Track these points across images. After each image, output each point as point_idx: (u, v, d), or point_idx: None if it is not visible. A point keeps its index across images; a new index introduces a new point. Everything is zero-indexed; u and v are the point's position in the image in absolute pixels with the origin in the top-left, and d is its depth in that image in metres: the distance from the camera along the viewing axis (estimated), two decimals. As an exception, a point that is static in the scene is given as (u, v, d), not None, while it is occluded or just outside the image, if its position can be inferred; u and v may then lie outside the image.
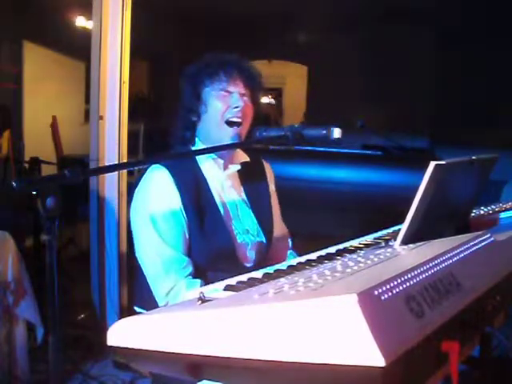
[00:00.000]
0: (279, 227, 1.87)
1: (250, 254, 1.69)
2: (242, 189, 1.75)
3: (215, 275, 1.56)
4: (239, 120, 1.64)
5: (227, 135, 1.64)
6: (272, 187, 1.86)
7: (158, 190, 1.59)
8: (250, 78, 1.69)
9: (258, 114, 1.74)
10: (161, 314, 0.97)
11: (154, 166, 1.62)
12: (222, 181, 1.69)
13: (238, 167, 1.73)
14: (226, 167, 1.71)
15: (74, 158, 5.29)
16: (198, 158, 1.68)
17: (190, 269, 1.56)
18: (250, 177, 1.77)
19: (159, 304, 1.56)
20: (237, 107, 1.63)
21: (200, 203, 1.61)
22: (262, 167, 1.86)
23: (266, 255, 1.74)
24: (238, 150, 1.77)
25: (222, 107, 1.64)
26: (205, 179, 1.66)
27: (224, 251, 1.61)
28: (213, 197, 1.65)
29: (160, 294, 1.55)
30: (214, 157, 1.68)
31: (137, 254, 1.63)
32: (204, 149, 1.62)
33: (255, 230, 1.73)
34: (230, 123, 1.64)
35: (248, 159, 1.77)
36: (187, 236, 1.59)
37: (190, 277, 1.56)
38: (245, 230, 1.70)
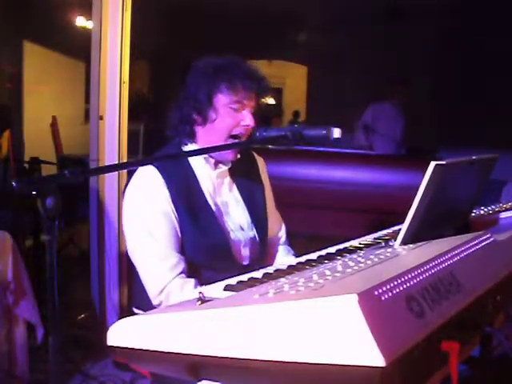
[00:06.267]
0: (274, 216, 1.88)
1: (244, 251, 1.70)
2: (234, 186, 1.76)
3: (210, 273, 1.57)
4: (244, 134, 1.64)
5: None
6: (264, 178, 1.86)
7: (148, 188, 1.59)
8: (263, 92, 1.67)
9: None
10: (160, 314, 0.97)
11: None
12: (212, 179, 1.70)
13: (229, 165, 1.73)
14: (216, 166, 1.71)
15: (74, 158, 5.28)
16: (189, 157, 1.67)
17: (183, 266, 1.57)
18: (241, 172, 1.77)
19: (153, 303, 1.56)
20: (247, 125, 1.62)
21: (191, 202, 1.61)
22: (252, 160, 1.86)
23: (261, 250, 1.75)
24: None
25: (232, 123, 1.62)
26: (196, 178, 1.66)
27: (218, 248, 1.62)
28: (204, 195, 1.65)
29: (153, 292, 1.56)
30: (205, 156, 1.68)
31: (129, 254, 1.63)
32: (202, 149, 1.62)
33: (249, 226, 1.73)
34: (233, 136, 1.64)
35: (238, 156, 1.76)
36: (179, 234, 1.59)
37: (183, 275, 1.56)
38: (238, 226, 1.71)
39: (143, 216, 1.58)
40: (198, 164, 1.68)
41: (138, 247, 1.59)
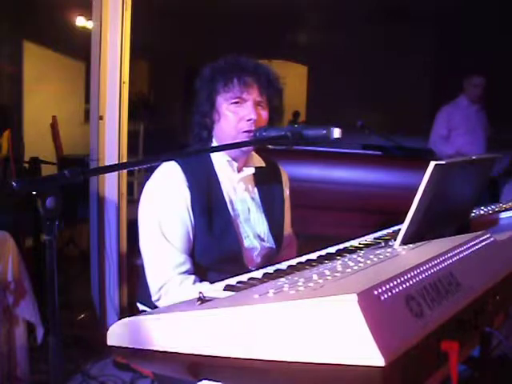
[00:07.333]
0: (288, 233, 1.86)
1: (257, 259, 1.68)
2: (256, 193, 1.74)
3: (217, 276, 1.56)
4: (252, 129, 1.61)
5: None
6: (286, 193, 1.85)
7: (169, 185, 1.58)
8: (267, 85, 1.65)
9: (280, 115, 1.72)
10: (161, 314, 0.97)
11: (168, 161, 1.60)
12: (234, 183, 1.68)
13: (253, 170, 1.72)
14: (240, 170, 1.69)
15: (74, 158, 5.28)
16: (212, 159, 1.67)
17: (188, 267, 1.56)
18: (264, 181, 1.76)
19: (152, 298, 1.57)
20: (249, 120, 1.60)
21: (210, 204, 1.60)
22: (278, 172, 1.84)
23: (274, 261, 1.73)
24: (254, 153, 1.76)
25: (235, 120, 1.61)
26: (218, 180, 1.65)
27: (230, 254, 1.60)
28: (224, 198, 1.63)
29: (153, 287, 1.56)
30: (228, 159, 1.67)
31: (140, 246, 1.63)
32: (204, 149, 1.62)
33: (266, 235, 1.72)
34: (244, 132, 1.62)
35: (263, 164, 1.76)
36: (191, 235, 1.58)
37: (186, 274, 1.55)
38: (255, 234, 1.68)
39: (159, 213, 1.57)
40: (221, 167, 1.66)
41: (148, 242, 1.59)
